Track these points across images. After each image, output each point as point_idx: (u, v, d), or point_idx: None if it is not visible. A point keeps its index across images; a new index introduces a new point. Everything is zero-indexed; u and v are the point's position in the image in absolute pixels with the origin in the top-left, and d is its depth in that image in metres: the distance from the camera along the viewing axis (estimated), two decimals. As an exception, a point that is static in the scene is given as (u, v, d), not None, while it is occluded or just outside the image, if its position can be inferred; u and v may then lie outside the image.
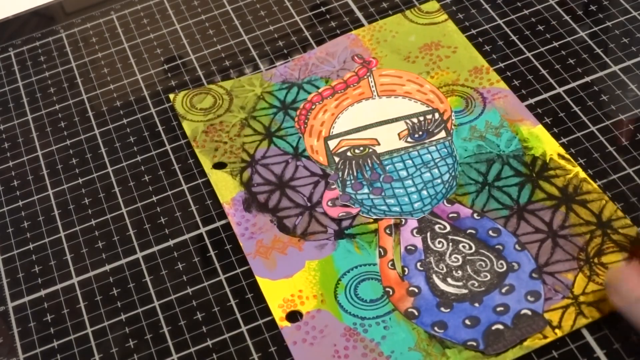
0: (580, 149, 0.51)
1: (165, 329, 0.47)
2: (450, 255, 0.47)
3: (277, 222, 0.50)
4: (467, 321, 0.44)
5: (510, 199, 0.49)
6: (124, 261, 0.50)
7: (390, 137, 0.52)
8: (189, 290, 0.48)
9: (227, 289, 0.48)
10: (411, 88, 0.55)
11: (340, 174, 0.51)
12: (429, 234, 0.48)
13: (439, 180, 0.50)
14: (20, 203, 0.54)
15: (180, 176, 0.54)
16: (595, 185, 0.48)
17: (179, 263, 0.49)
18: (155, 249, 0.50)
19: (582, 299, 0.44)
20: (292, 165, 0.52)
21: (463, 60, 0.56)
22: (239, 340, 0.46)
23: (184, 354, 0.46)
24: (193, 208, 0.52)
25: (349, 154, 0.52)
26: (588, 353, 0.43)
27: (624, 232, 0.46)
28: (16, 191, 0.55)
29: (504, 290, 0.45)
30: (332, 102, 0.55)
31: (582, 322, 0.43)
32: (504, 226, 0.48)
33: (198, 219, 0.51)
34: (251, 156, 0.53)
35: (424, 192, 0.50)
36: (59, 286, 0.50)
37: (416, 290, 0.46)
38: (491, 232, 0.47)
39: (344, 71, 0.57)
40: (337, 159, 0.52)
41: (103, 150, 0.56)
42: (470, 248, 0.47)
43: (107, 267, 0.50)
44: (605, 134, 0.51)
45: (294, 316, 0.46)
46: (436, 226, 0.48)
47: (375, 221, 0.49)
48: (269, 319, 0.46)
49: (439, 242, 0.48)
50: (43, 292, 0.50)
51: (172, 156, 0.55)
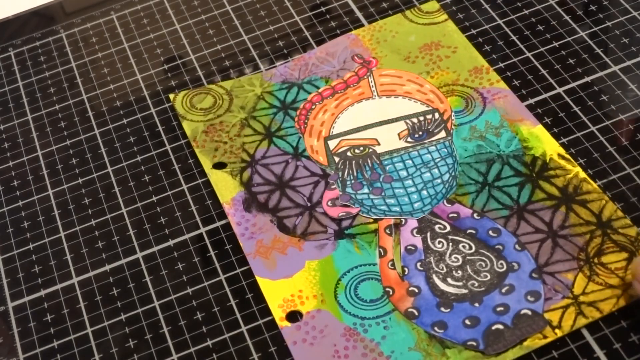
0: (580, 149, 0.51)
1: (165, 329, 0.47)
2: (450, 255, 0.47)
3: (277, 222, 0.50)
4: (467, 321, 0.44)
5: (510, 199, 0.49)
6: (124, 261, 0.50)
7: (390, 137, 0.52)
8: (189, 290, 0.48)
9: (227, 289, 0.48)
10: (411, 88, 0.55)
11: (340, 174, 0.51)
12: (429, 234, 0.48)
13: (439, 180, 0.50)
14: (20, 203, 0.54)
15: (180, 176, 0.54)
16: (595, 185, 0.48)
17: (179, 263, 0.49)
18: (155, 249, 0.50)
19: (582, 299, 0.44)
20: (292, 165, 0.52)
21: (463, 60, 0.56)
22: (239, 340, 0.46)
23: (184, 354, 0.46)
24: (193, 208, 0.52)
25: (349, 154, 0.52)
26: (588, 353, 0.43)
27: (624, 232, 0.46)
28: (16, 191, 0.55)
29: (504, 290, 0.45)
30: (332, 102, 0.55)
31: (582, 322, 0.43)
32: (504, 226, 0.48)
33: (198, 219, 0.51)
34: (251, 156, 0.53)
35: (424, 192, 0.50)
36: (59, 286, 0.50)
37: (416, 290, 0.46)
38: (491, 232, 0.47)
39: (344, 71, 0.57)
40: (337, 159, 0.52)
41: (103, 150, 0.56)
42: (470, 248, 0.47)
43: (107, 267, 0.50)
44: (605, 134, 0.51)
45: (294, 316, 0.46)
46: (436, 226, 0.48)
47: (375, 221, 0.49)
48: (269, 319, 0.46)
49: (439, 242, 0.48)
50: (43, 292, 0.50)
51: (172, 156, 0.55)
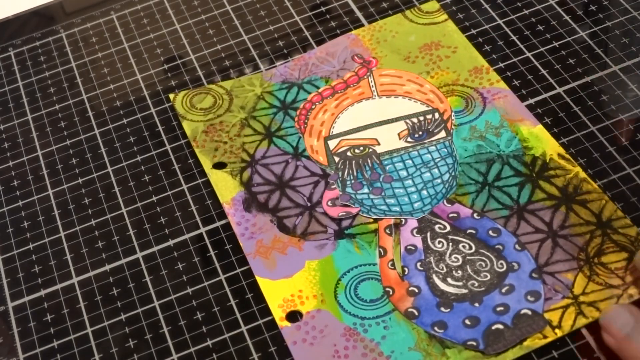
0: (580, 149, 0.51)
1: (165, 329, 0.47)
2: (450, 255, 0.47)
3: (277, 222, 0.50)
4: (467, 321, 0.44)
5: (510, 199, 0.49)
6: (124, 261, 0.50)
7: (390, 137, 0.52)
8: (189, 290, 0.48)
9: (227, 289, 0.48)
10: (411, 88, 0.55)
11: (340, 173, 0.51)
12: (429, 233, 0.48)
13: (439, 180, 0.50)
14: (20, 203, 0.54)
15: (180, 176, 0.54)
16: (595, 185, 0.48)
17: (179, 263, 0.49)
18: (155, 249, 0.50)
19: (582, 299, 0.44)
20: (292, 165, 0.52)
21: (463, 60, 0.56)
22: (239, 340, 0.46)
23: (184, 354, 0.46)
24: (193, 208, 0.52)
25: (349, 153, 0.52)
26: (588, 353, 0.43)
27: (624, 232, 0.46)
28: (16, 191, 0.55)
29: (504, 290, 0.45)
30: (332, 102, 0.55)
31: (582, 322, 0.43)
32: (504, 226, 0.48)
33: (198, 219, 0.51)
34: (251, 156, 0.53)
35: (424, 192, 0.50)
36: (59, 286, 0.50)
37: (416, 290, 0.46)
38: (491, 232, 0.47)
39: (344, 71, 0.57)
40: (337, 159, 0.52)
41: (103, 150, 0.56)
42: (470, 248, 0.47)
43: (107, 267, 0.50)
44: (605, 134, 0.51)
45: (294, 316, 0.46)
46: (436, 226, 0.48)
47: (375, 221, 0.49)
48: (269, 318, 0.46)
49: (439, 242, 0.48)
50: (43, 292, 0.50)
51: (172, 156, 0.55)
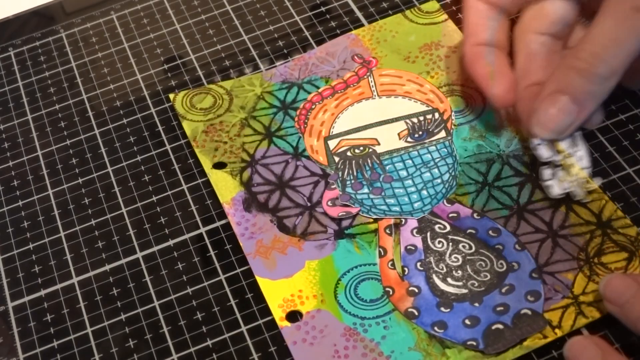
0: (580, 148, 0.51)
1: (165, 329, 0.47)
2: (450, 255, 0.47)
3: (277, 222, 0.50)
4: (467, 321, 0.44)
5: (510, 198, 0.49)
6: (124, 261, 0.50)
7: (390, 137, 0.52)
8: (189, 290, 0.48)
9: (227, 289, 0.48)
10: (411, 88, 0.55)
11: (340, 173, 0.51)
12: (429, 233, 0.48)
13: (439, 180, 0.50)
14: (20, 203, 0.54)
15: (180, 176, 0.54)
16: (596, 185, 0.48)
17: (179, 263, 0.49)
18: (155, 248, 0.50)
19: (582, 298, 0.44)
20: (292, 165, 0.52)
21: (463, 60, 0.56)
22: (239, 340, 0.46)
23: (184, 353, 0.46)
24: (193, 208, 0.52)
25: (349, 153, 0.52)
26: (588, 353, 0.43)
27: (624, 232, 0.46)
28: (16, 191, 0.55)
29: (504, 290, 0.45)
30: (332, 102, 0.55)
31: (582, 322, 0.43)
32: (504, 226, 0.48)
33: (198, 219, 0.51)
34: (251, 156, 0.53)
35: (424, 192, 0.50)
36: (59, 286, 0.50)
37: (416, 290, 0.46)
38: (491, 232, 0.47)
39: (344, 71, 0.57)
40: (337, 159, 0.52)
41: (103, 150, 0.56)
42: (470, 248, 0.47)
43: (107, 267, 0.50)
44: (605, 134, 0.51)
45: (294, 316, 0.46)
46: (436, 226, 0.48)
47: (375, 221, 0.49)
48: (269, 318, 0.46)
49: (439, 242, 0.48)
50: (43, 292, 0.50)
51: (172, 156, 0.55)
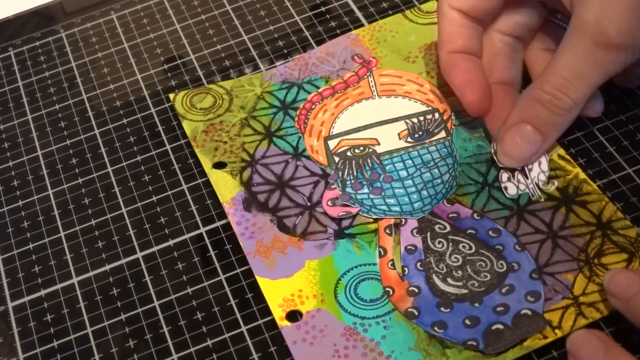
0: (580, 149, 0.51)
1: (165, 329, 0.47)
2: (450, 255, 0.47)
3: (277, 221, 0.50)
4: (467, 321, 0.44)
5: (510, 199, 0.49)
6: (124, 261, 0.50)
7: (390, 137, 0.52)
8: (189, 290, 0.48)
9: (227, 289, 0.48)
10: (411, 88, 0.55)
11: (340, 173, 0.51)
12: (429, 234, 0.48)
13: (439, 180, 0.50)
14: (20, 203, 0.54)
15: (180, 176, 0.54)
16: (595, 187, 0.48)
17: (179, 263, 0.49)
18: (155, 248, 0.50)
19: (582, 299, 0.44)
20: (292, 165, 0.52)
21: (463, 61, 0.56)
22: (239, 340, 0.46)
23: (184, 353, 0.46)
24: (193, 208, 0.52)
25: (349, 153, 0.52)
26: (588, 353, 0.43)
27: (624, 233, 0.46)
28: (16, 191, 0.55)
29: (504, 291, 0.45)
30: (332, 102, 0.55)
31: (582, 322, 0.43)
32: (504, 226, 0.48)
33: (198, 218, 0.51)
34: (251, 156, 0.53)
35: (424, 192, 0.50)
36: (59, 286, 0.50)
37: (416, 290, 0.46)
38: (491, 232, 0.47)
39: (344, 71, 0.57)
40: (337, 159, 0.52)
41: (103, 150, 0.56)
42: (470, 248, 0.47)
43: (107, 267, 0.50)
44: (605, 134, 0.51)
45: (294, 316, 0.46)
46: (436, 226, 0.48)
47: (375, 221, 0.49)
48: (269, 318, 0.46)
49: (439, 242, 0.48)
50: (43, 292, 0.50)
51: (172, 156, 0.55)
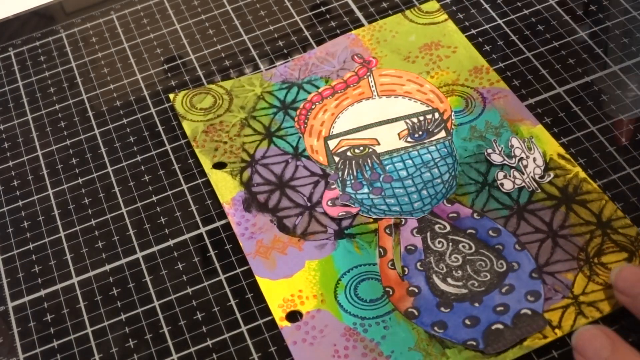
0: (580, 149, 0.51)
1: (165, 329, 0.47)
2: (450, 255, 0.47)
3: (277, 222, 0.50)
4: (467, 321, 0.44)
5: (510, 199, 0.49)
6: (124, 261, 0.50)
7: (390, 137, 0.52)
8: (189, 290, 0.48)
9: (227, 289, 0.48)
10: (411, 88, 0.55)
11: (340, 173, 0.51)
12: (429, 233, 0.48)
13: (438, 180, 0.50)
14: (20, 203, 0.54)
15: (180, 176, 0.54)
16: (595, 185, 0.48)
17: (179, 263, 0.49)
18: (155, 248, 0.50)
19: (582, 299, 0.44)
20: (292, 165, 0.52)
21: (463, 60, 0.56)
22: (239, 340, 0.46)
23: (184, 353, 0.46)
24: (193, 208, 0.52)
25: (349, 153, 0.52)
26: (588, 353, 0.43)
27: (623, 232, 0.46)
28: (16, 191, 0.55)
29: (504, 290, 0.45)
30: (332, 102, 0.55)
31: (582, 322, 0.43)
32: (504, 226, 0.48)
33: (198, 219, 0.51)
34: (251, 156, 0.53)
35: (424, 192, 0.50)
36: (59, 286, 0.50)
37: (416, 290, 0.46)
38: (491, 232, 0.47)
39: (344, 71, 0.57)
40: (337, 159, 0.52)
41: (103, 150, 0.56)
42: (470, 248, 0.47)
43: (107, 267, 0.50)
44: (605, 134, 0.51)
45: (294, 316, 0.46)
46: (436, 226, 0.48)
47: (375, 221, 0.49)
48: (269, 318, 0.46)
49: (439, 242, 0.48)
50: (43, 292, 0.50)
51: (172, 156, 0.55)
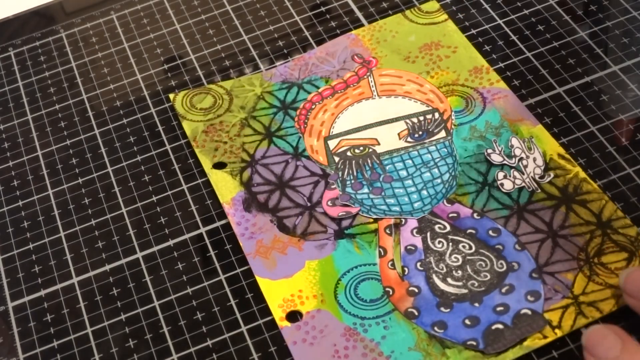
0: (580, 149, 0.51)
1: (165, 329, 0.47)
2: (450, 255, 0.47)
3: (277, 222, 0.50)
4: (467, 321, 0.44)
5: (510, 199, 0.49)
6: (124, 261, 0.50)
7: (390, 137, 0.52)
8: (189, 290, 0.48)
9: (227, 289, 0.48)
10: (411, 88, 0.55)
11: (340, 173, 0.51)
12: (429, 233, 0.48)
13: (438, 180, 0.50)
14: (20, 203, 0.54)
15: (180, 176, 0.54)
16: (595, 185, 0.48)
17: (179, 263, 0.49)
18: (155, 248, 0.50)
19: (582, 299, 0.44)
20: (292, 165, 0.52)
21: (463, 60, 0.56)
22: (239, 340, 0.46)
23: (184, 354, 0.46)
24: (193, 208, 0.52)
25: (349, 153, 0.52)
26: (588, 353, 0.43)
27: (623, 232, 0.46)
28: (16, 191, 0.55)
29: (503, 290, 0.45)
30: (332, 102, 0.55)
31: (582, 322, 0.43)
32: (504, 226, 0.48)
33: (198, 219, 0.51)
34: (251, 156, 0.53)
35: (424, 192, 0.50)
36: (59, 286, 0.50)
37: (416, 290, 0.46)
38: (491, 232, 0.47)
39: (344, 71, 0.57)
40: (337, 159, 0.52)
41: (103, 150, 0.56)
42: (470, 248, 0.47)
43: (107, 267, 0.50)
44: (605, 134, 0.51)
45: (294, 316, 0.46)
46: (436, 226, 0.48)
47: (375, 221, 0.49)
48: (269, 319, 0.46)
49: (439, 242, 0.48)
50: (43, 292, 0.50)
51: (172, 156, 0.55)
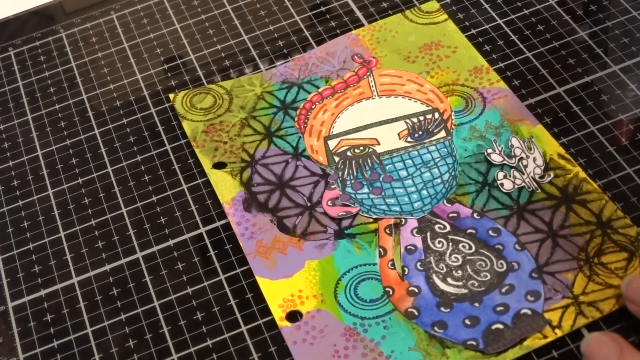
0: (580, 148, 0.51)
1: (165, 329, 0.47)
2: (450, 255, 0.47)
3: (277, 222, 0.50)
4: (467, 321, 0.44)
5: (510, 198, 0.49)
6: (124, 261, 0.50)
7: (390, 136, 0.52)
8: (189, 290, 0.48)
9: (227, 289, 0.48)
10: (411, 88, 0.55)
11: (340, 173, 0.51)
12: (429, 233, 0.48)
13: (438, 180, 0.50)
14: (20, 203, 0.54)
15: (180, 176, 0.54)
16: (595, 185, 0.48)
17: (179, 263, 0.49)
18: (155, 248, 0.50)
19: (582, 298, 0.44)
20: (292, 165, 0.52)
21: (463, 60, 0.56)
22: (239, 340, 0.46)
23: (184, 353, 0.46)
24: (193, 208, 0.52)
25: (349, 153, 0.52)
26: (588, 353, 0.43)
27: (623, 232, 0.46)
28: (16, 191, 0.55)
29: (503, 290, 0.45)
30: (332, 102, 0.55)
31: (582, 322, 0.43)
32: (504, 226, 0.48)
33: (198, 218, 0.51)
34: (251, 156, 0.53)
35: (424, 192, 0.50)
36: (59, 286, 0.50)
37: (416, 290, 0.46)
38: (491, 231, 0.47)
39: (344, 71, 0.57)
40: (337, 159, 0.52)
41: (103, 150, 0.56)
42: (470, 248, 0.47)
43: (107, 267, 0.50)
44: (605, 134, 0.51)
45: (294, 316, 0.46)
46: (436, 226, 0.48)
47: (375, 221, 0.49)
48: (269, 318, 0.46)
49: (439, 241, 0.48)
50: (43, 292, 0.50)
51: (172, 156, 0.55)
